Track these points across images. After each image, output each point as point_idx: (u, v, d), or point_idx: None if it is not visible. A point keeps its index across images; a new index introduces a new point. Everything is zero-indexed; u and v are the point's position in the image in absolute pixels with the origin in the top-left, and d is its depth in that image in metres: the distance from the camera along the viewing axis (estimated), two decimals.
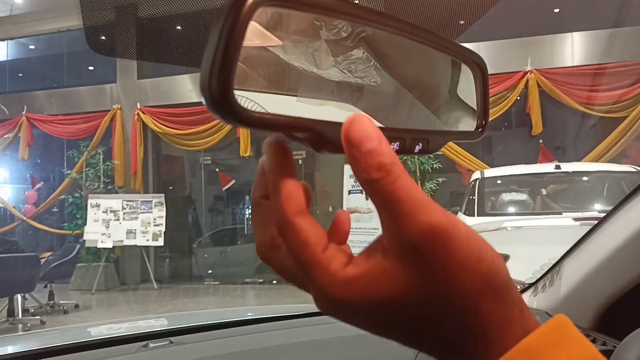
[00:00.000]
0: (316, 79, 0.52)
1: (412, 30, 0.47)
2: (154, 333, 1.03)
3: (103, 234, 9.40)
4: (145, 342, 0.93)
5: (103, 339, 0.99)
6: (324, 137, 0.38)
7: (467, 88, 0.57)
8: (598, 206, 4.23)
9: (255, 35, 0.41)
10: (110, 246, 9.44)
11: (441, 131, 0.54)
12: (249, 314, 1.63)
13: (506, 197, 4.54)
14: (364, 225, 8.55)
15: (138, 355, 0.87)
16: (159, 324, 1.52)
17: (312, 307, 1.30)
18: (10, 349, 1.30)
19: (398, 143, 0.43)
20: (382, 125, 0.48)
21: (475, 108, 0.57)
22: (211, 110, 0.32)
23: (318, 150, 0.38)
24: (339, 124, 0.41)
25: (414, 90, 0.57)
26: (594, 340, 0.94)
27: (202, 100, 0.32)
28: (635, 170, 4.49)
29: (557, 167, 4.67)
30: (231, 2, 0.33)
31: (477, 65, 0.55)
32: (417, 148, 0.46)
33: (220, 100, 0.31)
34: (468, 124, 0.56)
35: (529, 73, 8.24)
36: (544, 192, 4.93)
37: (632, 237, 0.91)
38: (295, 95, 0.49)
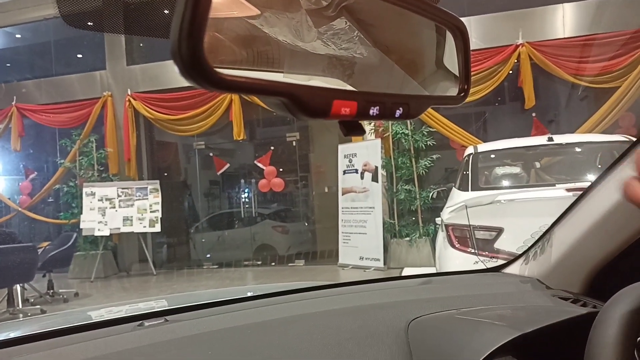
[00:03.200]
0: (299, 51, 0.52)
1: None
2: (151, 313, 1.04)
3: (100, 222, 9.41)
4: (141, 322, 0.94)
5: (100, 321, 1.00)
6: (300, 102, 0.38)
7: (450, 54, 0.57)
8: (590, 176, 4.25)
9: (231, 4, 0.40)
10: (107, 234, 9.46)
11: (422, 96, 0.54)
12: (248, 293, 1.64)
13: (499, 171, 4.55)
14: (360, 205, 8.58)
15: (133, 334, 0.88)
16: (157, 305, 1.53)
17: (308, 284, 1.30)
18: (11, 334, 1.31)
19: (378, 107, 0.44)
20: (359, 90, 0.49)
21: (457, 73, 0.57)
22: (183, 75, 0.32)
23: (295, 115, 0.38)
24: (316, 88, 0.41)
25: (396, 56, 0.57)
26: (584, 304, 0.95)
27: (175, 66, 0.32)
28: (627, 139, 4.50)
29: (550, 139, 4.67)
30: None
31: (457, 28, 0.55)
32: (398, 112, 0.46)
33: (191, 64, 0.31)
34: (450, 89, 0.56)
35: (520, 46, 8.20)
36: (537, 165, 4.95)
37: (618, 203, 0.92)
38: (276, 70, 0.49)
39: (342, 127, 0.42)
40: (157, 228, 9.51)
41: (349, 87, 0.48)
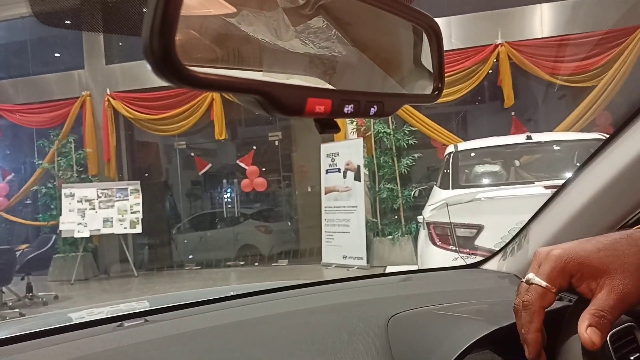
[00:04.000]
0: (274, 50, 0.52)
1: None
2: (131, 314, 1.03)
3: (79, 224, 9.28)
4: (121, 322, 0.93)
5: (80, 322, 0.99)
6: (274, 99, 0.38)
7: (426, 53, 0.58)
8: (568, 174, 4.32)
9: (207, 1, 0.40)
10: (87, 235, 9.33)
11: (397, 94, 0.55)
12: (230, 293, 1.64)
13: (479, 169, 4.61)
14: (343, 204, 8.60)
15: (114, 334, 0.87)
16: (138, 305, 1.52)
17: (290, 283, 1.30)
18: None
19: (352, 105, 0.44)
20: (335, 88, 0.49)
21: (432, 71, 0.58)
22: (154, 71, 0.32)
23: (269, 113, 0.38)
24: (290, 86, 0.41)
25: (372, 55, 0.58)
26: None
27: (146, 63, 0.32)
28: (603, 137, 4.59)
29: (528, 137, 4.74)
30: None
31: (431, 27, 0.56)
32: (372, 110, 0.47)
33: (162, 60, 0.31)
34: (425, 87, 0.57)
35: (499, 46, 8.31)
36: (517, 163, 5.02)
37: (591, 199, 0.94)
38: (251, 68, 0.49)
39: (317, 124, 0.43)
40: (138, 229, 9.41)
41: (324, 85, 0.48)
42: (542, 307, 0.55)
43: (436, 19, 0.58)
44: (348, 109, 0.43)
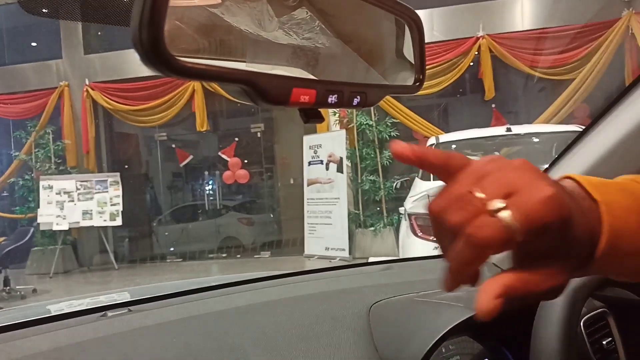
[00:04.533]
0: (260, 41, 0.52)
1: None
2: (114, 305, 1.03)
3: (58, 216, 9.14)
4: (104, 312, 0.93)
5: (61, 314, 0.98)
6: (260, 89, 0.39)
7: (408, 45, 0.59)
8: (547, 165, 4.40)
9: None
10: (66, 228, 9.21)
11: (379, 85, 0.56)
12: (212, 283, 1.64)
13: None
14: (326, 195, 8.63)
15: (96, 324, 0.87)
16: (120, 297, 1.52)
17: (272, 273, 1.31)
18: None
19: (336, 96, 0.45)
20: (319, 78, 0.50)
21: (413, 63, 0.59)
22: (144, 62, 0.32)
23: (255, 102, 0.39)
24: (276, 76, 0.42)
25: (355, 46, 0.59)
26: None
27: (136, 53, 0.33)
28: (581, 129, 4.68)
29: (508, 129, 4.82)
30: None
31: (412, 20, 0.57)
32: (355, 101, 0.48)
33: (151, 50, 0.32)
34: (407, 79, 0.58)
35: (481, 39, 8.37)
36: (497, 154, 5.09)
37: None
38: (238, 59, 0.50)
39: (302, 114, 0.44)
40: (118, 221, 9.31)
41: (309, 76, 0.49)
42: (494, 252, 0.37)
43: (418, 11, 0.59)
44: (332, 99, 0.44)
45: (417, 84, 0.56)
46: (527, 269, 0.39)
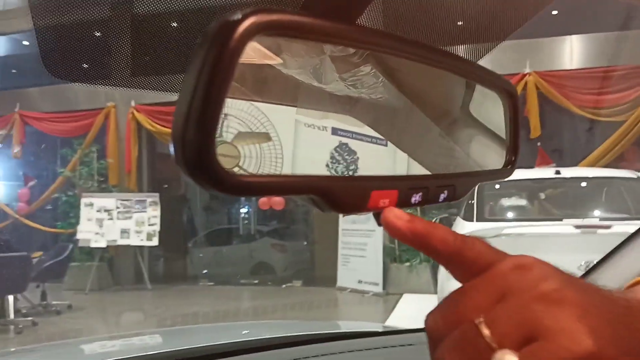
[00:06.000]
0: (320, 93, 0.47)
1: (429, 54, 0.41)
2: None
3: (96, 233, 9.31)
4: None
5: None
6: (332, 197, 0.32)
7: (496, 121, 0.50)
8: (598, 213, 4.20)
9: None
10: (104, 245, 9.35)
11: (469, 173, 0.48)
12: (244, 332, 1.57)
13: (506, 202, 4.50)
14: (360, 227, 8.50)
15: None
16: (152, 342, 1.47)
17: (298, 333, 1.22)
18: None
19: (421, 194, 0.37)
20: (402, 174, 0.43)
21: (501, 140, 0.51)
22: (185, 173, 0.26)
23: (324, 211, 0.32)
24: (350, 179, 0.35)
25: (429, 112, 0.51)
26: None
27: (173, 156, 0.25)
28: (636, 176, 4.46)
29: (557, 172, 4.63)
30: (216, 30, 0.25)
31: (507, 92, 0.49)
32: (442, 196, 0.40)
33: (197, 161, 0.25)
34: (496, 161, 0.49)
35: (527, 75, 8.20)
36: (542, 196, 4.89)
37: None
38: (295, 106, 0.44)
39: (376, 218, 0.35)
40: (155, 241, 9.41)
41: (387, 172, 0.42)
42: None
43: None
44: (416, 198, 0.36)
45: (509, 166, 0.48)
46: None
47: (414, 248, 0.32)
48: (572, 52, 8.34)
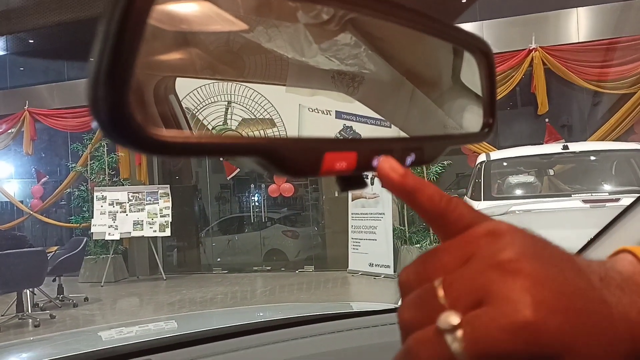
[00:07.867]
0: (298, 66, 0.46)
1: (402, 13, 0.40)
2: (161, 345, 1.01)
3: (110, 226, 9.42)
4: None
5: (109, 354, 0.99)
6: (279, 159, 0.30)
7: (472, 82, 0.50)
8: (607, 187, 4.16)
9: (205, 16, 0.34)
10: (118, 238, 9.47)
11: (439, 136, 0.47)
12: (259, 314, 1.60)
13: (513, 179, 4.47)
14: (370, 211, 8.51)
15: None
16: (168, 327, 1.51)
17: (309, 312, 1.25)
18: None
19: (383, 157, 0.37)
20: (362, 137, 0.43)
21: (478, 104, 0.51)
22: (102, 133, 0.24)
23: (272, 174, 0.31)
24: (300, 141, 0.33)
25: (414, 81, 0.51)
26: None
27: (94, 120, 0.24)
28: None
29: (565, 147, 4.59)
30: None
31: (482, 52, 0.48)
32: (409, 160, 0.39)
33: (110, 120, 0.24)
34: (472, 124, 0.50)
35: (533, 51, 8.10)
36: (551, 172, 4.86)
37: None
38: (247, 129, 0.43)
39: (338, 182, 0.34)
40: (168, 232, 9.51)
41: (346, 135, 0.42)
42: None
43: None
44: (377, 161, 0.34)
45: (486, 129, 0.47)
46: None
47: (403, 201, 0.32)
48: (579, 25, 8.21)
